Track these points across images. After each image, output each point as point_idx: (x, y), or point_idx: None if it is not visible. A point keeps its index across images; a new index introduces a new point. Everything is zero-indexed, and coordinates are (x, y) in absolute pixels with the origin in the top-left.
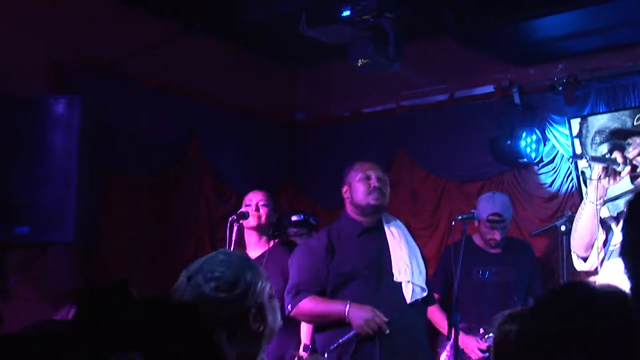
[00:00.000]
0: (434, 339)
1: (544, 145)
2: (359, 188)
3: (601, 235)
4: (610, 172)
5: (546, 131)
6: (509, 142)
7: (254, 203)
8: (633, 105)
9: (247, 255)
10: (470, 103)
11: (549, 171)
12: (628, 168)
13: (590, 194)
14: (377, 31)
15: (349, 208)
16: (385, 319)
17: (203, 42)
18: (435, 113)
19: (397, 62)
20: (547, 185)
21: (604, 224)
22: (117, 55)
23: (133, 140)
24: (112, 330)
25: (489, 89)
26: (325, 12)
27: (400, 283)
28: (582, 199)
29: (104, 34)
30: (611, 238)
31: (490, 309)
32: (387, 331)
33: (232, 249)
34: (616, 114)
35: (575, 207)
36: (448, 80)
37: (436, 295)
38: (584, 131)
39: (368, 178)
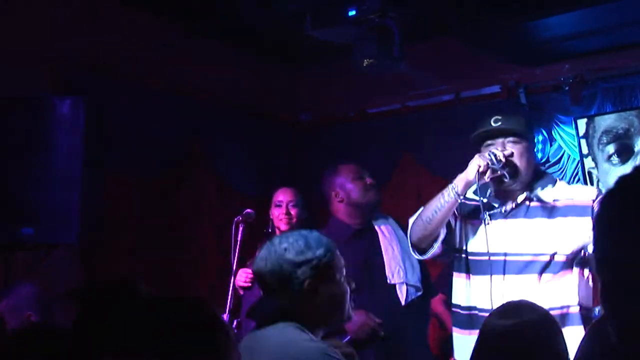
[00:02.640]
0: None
1: (551, 145)
2: (355, 187)
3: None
4: (490, 170)
5: (552, 131)
6: None
7: (284, 204)
8: None
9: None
10: (476, 103)
11: (556, 171)
12: (506, 169)
13: (459, 187)
14: (382, 31)
15: (341, 211)
16: (379, 321)
17: (206, 43)
18: (440, 113)
19: (402, 63)
20: None
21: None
22: (121, 56)
23: (136, 140)
24: (117, 328)
25: (495, 89)
26: (330, 12)
27: (395, 285)
28: None
29: (108, 35)
30: (447, 235)
31: None
32: (382, 333)
33: (237, 250)
34: (623, 114)
35: None
36: (454, 81)
37: (443, 297)
38: (590, 131)
39: (361, 177)
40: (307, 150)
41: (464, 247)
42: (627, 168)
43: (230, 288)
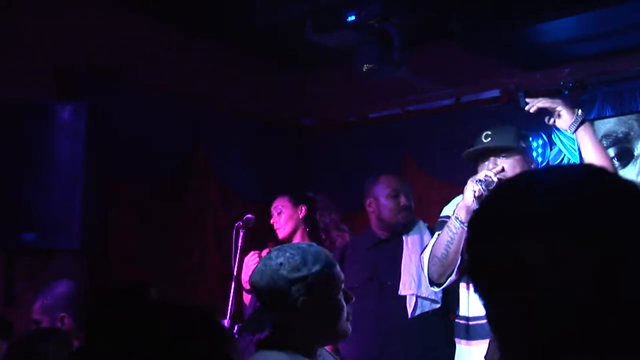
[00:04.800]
0: None
1: (551, 149)
2: (387, 205)
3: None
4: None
5: (552, 135)
6: None
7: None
8: None
9: (324, 249)
10: (476, 107)
11: None
12: None
13: (462, 215)
14: (383, 36)
15: (373, 223)
16: None
17: (209, 48)
18: (441, 118)
19: (403, 67)
20: None
21: None
22: (124, 62)
23: (139, 146)
24: (129, 329)
25: (495, 93)
26: (330, 17)
27: (406, 296)
28: None
29: (110, 40)
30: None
31: None
32: None
33: (237, 256)
34: (623, 118)
35: None
36: (454, 85)
37: None
38: None
39: (397, 196)
40: (310, 155)
41: None
42: (627, 172)
43: (231, 293)
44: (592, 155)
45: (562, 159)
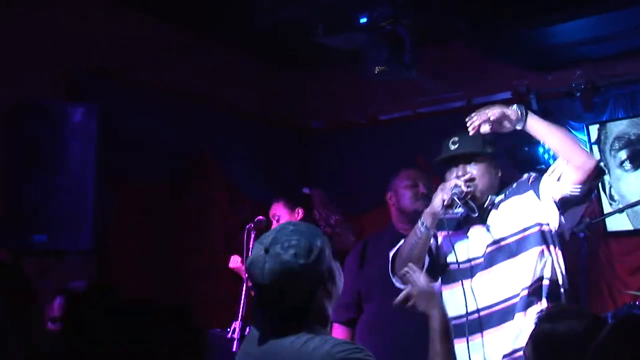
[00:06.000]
0: None
1: None
2: (406, 194)
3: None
4: (455, 201)
5: None
6: (526, 149)
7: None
8: None
9: (313, 224)
10: None
11: None
12: (472, 202)
13: (428, 221)
14: (393, 38)
15: (394, 216)
16: None
17: (216, 49)
18: (452, 120)
19: (413, 69)
20: None
21: None
22: (127, 63)
23: (147, 147)
24: (100, 328)
25: (506, 95)
26: (342, 19)
27: None
28: (601, 205)
29: (118, 42)
30: (430, 263)
31: None
32: None
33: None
34: (635, 119)
35: (594, 213)
36: (465, 87)
37: None
38: (602, 137)
39: (415, 185)
40: (317, 157)
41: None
42: (639, 174)
43: (243, 294)
44: (554, 139)
45: None
